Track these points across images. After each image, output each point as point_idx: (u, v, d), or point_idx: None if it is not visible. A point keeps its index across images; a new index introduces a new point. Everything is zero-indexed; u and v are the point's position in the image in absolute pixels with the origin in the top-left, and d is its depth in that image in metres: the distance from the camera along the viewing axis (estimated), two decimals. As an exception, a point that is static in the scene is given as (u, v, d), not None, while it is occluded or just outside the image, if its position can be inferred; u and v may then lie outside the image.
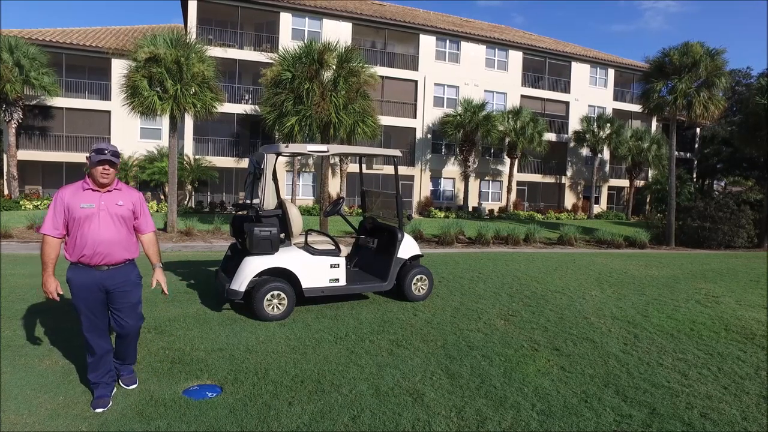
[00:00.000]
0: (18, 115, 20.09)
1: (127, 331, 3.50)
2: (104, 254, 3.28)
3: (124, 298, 3.42)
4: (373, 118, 15.23)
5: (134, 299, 3.49)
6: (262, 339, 4.86)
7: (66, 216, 3.24)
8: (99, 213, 3.26)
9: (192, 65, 13.72)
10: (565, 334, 5.43)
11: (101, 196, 3.30)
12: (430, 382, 3.99)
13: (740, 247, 17.44)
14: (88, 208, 3.24)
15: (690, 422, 3.48)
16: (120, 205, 3.35)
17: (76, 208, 3.23)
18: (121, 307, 3.43)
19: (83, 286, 3.29)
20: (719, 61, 17.47)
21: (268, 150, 5.93)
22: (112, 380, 3.53)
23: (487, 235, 14.69)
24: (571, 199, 31.25)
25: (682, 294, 8.02)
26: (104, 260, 3.30)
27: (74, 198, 3.25)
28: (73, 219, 3.23)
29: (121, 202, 3.36)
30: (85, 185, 3.30)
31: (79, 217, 3.22)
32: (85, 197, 3.26)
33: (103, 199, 3.30)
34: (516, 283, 8.36)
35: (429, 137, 27.54)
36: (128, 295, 3.44)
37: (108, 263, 3.32)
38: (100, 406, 3.35)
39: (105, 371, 3.45)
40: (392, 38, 27.11)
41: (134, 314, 3.51)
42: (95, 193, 3.29)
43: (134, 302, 3.49)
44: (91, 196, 3.28)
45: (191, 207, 22.68)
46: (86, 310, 3.33)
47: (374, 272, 6.63)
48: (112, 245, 3.30)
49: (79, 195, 3.27)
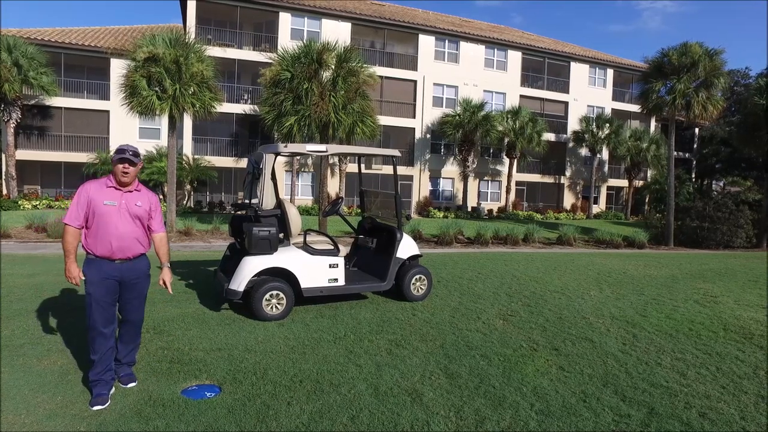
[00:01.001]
0: (16, 115, 20.06)
1: (133, 318, 3.72)
2: (124, 248, 3.47)
3: (135, 289, 3.62)
4: (372, 118, 15.22)
5: (144, 290, 3.72)
6: (260, 339, 4.86)
7: (87, 210, 3.40)
8: (120, 210, 3.44)
9: (191, 65, 13.71)
10: (564, 334, 5.43)
11: (123, 194, 3.48)
12: (428, 382, 3.99)
13: (739, 247, 17.47)
14: (110, 205, 3.42)
15: (688, 422, 3.48)
16: (139, 205, 3.53)
17: (100, 204, 3.40)
18: (131, 297, 3.63)
19: (101, 277, 3.45)
20: (718, 61, 17.50)
21: (267, 150, 5.93)
22: (111, 379, 3.57)
23: (486, 235, 14.69)
24: (570, 199, 31.27)
25: (680, 294, 8.03)
26: (124, 254, 3.48)
27: (98, 194, 3.42)
28: (95, 214, 3.40)
29: (140, 203, 3.54)
30: (108, 183, 3.48)
31: (102, 212, 3.40)
32: (108, 194, 3.44)
33: (124, 197, 3.48)
34: (515, 283, 8.36)
35: (428, 137, 27.54)
36: (139, 286, 3.65)
37: (126, 257, 3.50)
38: (99, 404, 3.38)
39: (105, 368, 3.50)
40: (391, 38, 27.10)
41: (141, 306, 3.75)
42: (117, 191, 3.47)
43: (143, 293, 3.72)
44: (114, 194, 3.45)
45: (190, 207, 22.65)
46: (100, 299, 3.45)
47: (373, 272, 6.63)
48: (130, 240, 3.49)
49: (102, 191, 3.44)
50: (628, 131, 29.29)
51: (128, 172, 3.44)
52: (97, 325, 3.45)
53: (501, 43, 28.81)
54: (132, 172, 3.46)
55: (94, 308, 3.44)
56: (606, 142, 28.81)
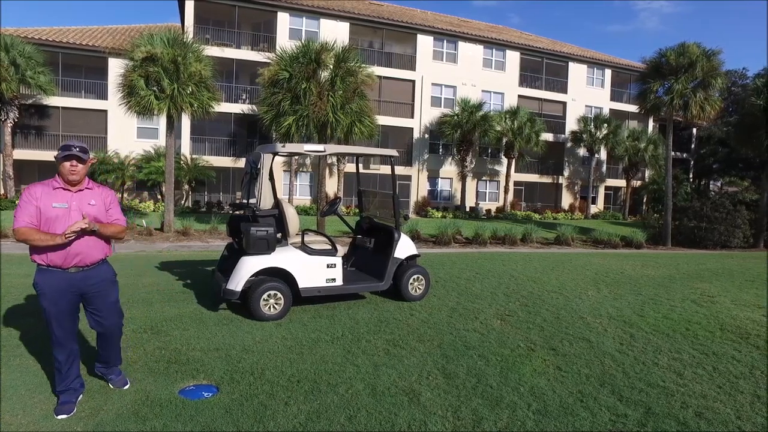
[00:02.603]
0: (14, 114, 20.02)
1: (109, 330, 3.44)
2: (79, 255, 3.16)
3: (102, 297, 3.34)
4: (370, 118, 15.24)
5: (113, 297, 3.43)
6: (258, 339, 4.86)
7: (38, 214, 3.07)
8: (71, 213, 3.12)
9: (189, 65, 13.69)
10: (562, 334, 5.44)
11: (73, 195, 3.18)
12: (426, 382, 3.99)
13: (736, 247, 17.52)
14: (60, 208, 3.11)
15: (685, 421, 3.49)
16: (92, 204, 3.23)
17: (48, 207, 3.09)
18: (100, 307, 3.35)
19: (55, 290, 3.13)
20: (715, 61, 17.54)
21: (265, 150, 5.93)
22: (81, 386, 3.42)
23: (484, 235, 14.70)
24: (569, 199, 31.31)
25: (677, 294, 8.05)
26: (79, 261, 3.18)
27: (45, 197, 3.11)
28: (44, 219, 3.07)
29: (94, 202, 3.25)
30: (55, 184, 3.17)
31: (50, 217, 3.08)
32: (56, 196, 3.13)
33: (75, 198, 3.18)
34: (513, 283, 8.37)
35: (426, 137, 27.55)
36: (106, 294, 3.36)
37: (82, 264, 3.21)
38: (64, 412, 3.21)
39: (74, 377, 3.34)
40: (390, 38, 27.10)
41: (114, 312, 3.45)
42: (67, 192, 3.17)
43: (113, 300, 3.43)
44: (63, 196, 3.15)
45: (188, 207, 22.62)
46: (57, 314, 3.17)
47: (371, 272, 6.64)
48: (84, 245, 3.17)
49: (50, 194, 3.12)
50: (626, 131, 29.36)
51: (76, 170, 3.12)
52: (59, 340, 3.21)
53: (499, 43, 28.84)
54: (80, 169, 3.14)
55: (52, 324, 3.17)
56: (604, 142, 28.88)
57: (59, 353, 3.26)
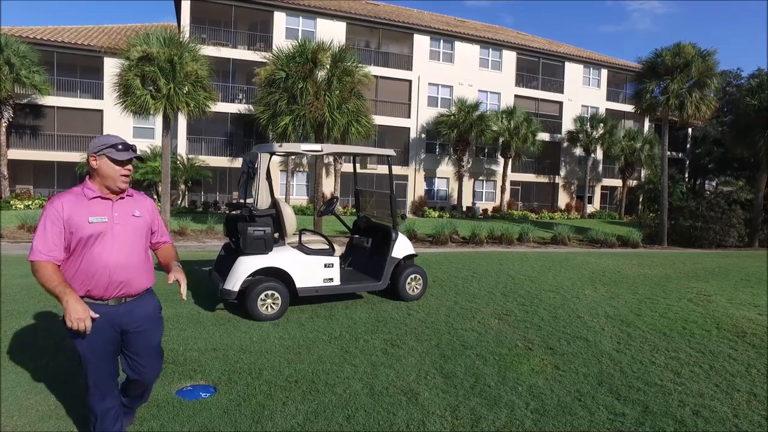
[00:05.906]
0: (8, 114, 19.92)
1: (146, 379, 2.72)
2: (122, 283, 2.45)
3: (143, 338, 2.61)
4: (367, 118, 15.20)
5: (156, 339, 2.70)
6: (255, 339, 4.84)
7: (67, 235, 2.35)
8: (113, 228, 2.42)
9: (185, 64, 13.64)
10: (559, 333, 5.45)
11: (113, 205, 2.46)
12: (424, 382, 3.99)
13: (731, 246, 17.62)
14: (99, 223, 2.38)
15: (682, 420, 3.50)
16: (137, 216, 2.54)
17: (83, 223, 2.35)
18: (139, 350, 2.61)
19: (93, 329, 2.34)
20: (711, 62, 17.64)
21: (261, 149, 5.91)
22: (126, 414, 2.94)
23: (481, 235, 14.73)
24: (565, 199, 31.39)
25: (674, 293, 8.08)
26: (122, 291, 2.47)
27: (78, 211, 2.36)
28: (78, 239, 2.35)
29: (138, 212, 2.55)
30: (89, 192, 2.42)
31: (87, 235, 2.35)
32: (93, 208, 2.40)
33: (116, 209, 2.46)
34: (510, 282, 8.38)
35: (423, 137, 27.56)
36: (149, 334, 2.63)
37: (126, 294, 2.49)
38: None
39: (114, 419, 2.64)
40: (386, 38, 27.10)
41: (155, 357, 2.71)
42: (105, 201, 2.44)
43: (156, 343, 2.70)
44: (102, 206, 2.42)
45: (185, 207, 22.55)
46: (95, 359, 2.45)
47: (368, 272, 6.63)
48: (131, 270, 2.47)
49: (83, 206, 2.38)
50: (622, 131, 29.45)
51: (129, 177, 2.47)
52: (96, 389, 2.51)
53: (496, 43, 28.88)
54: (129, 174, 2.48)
55: (89, 368, 2.47)
56: (600, 142, 28.96)
57: (95, 408, 2.57)
